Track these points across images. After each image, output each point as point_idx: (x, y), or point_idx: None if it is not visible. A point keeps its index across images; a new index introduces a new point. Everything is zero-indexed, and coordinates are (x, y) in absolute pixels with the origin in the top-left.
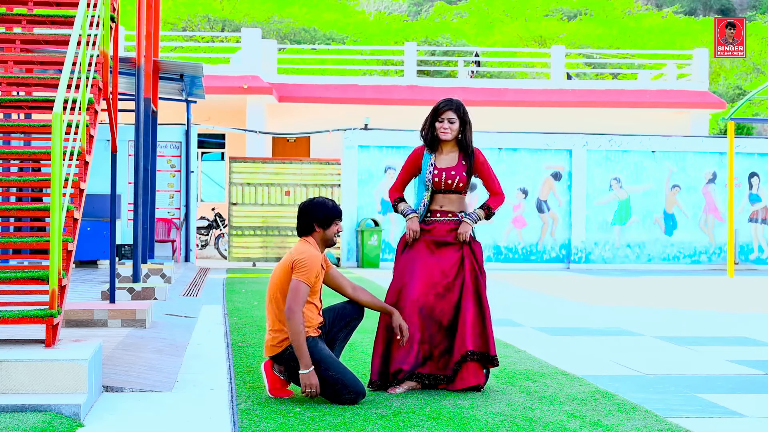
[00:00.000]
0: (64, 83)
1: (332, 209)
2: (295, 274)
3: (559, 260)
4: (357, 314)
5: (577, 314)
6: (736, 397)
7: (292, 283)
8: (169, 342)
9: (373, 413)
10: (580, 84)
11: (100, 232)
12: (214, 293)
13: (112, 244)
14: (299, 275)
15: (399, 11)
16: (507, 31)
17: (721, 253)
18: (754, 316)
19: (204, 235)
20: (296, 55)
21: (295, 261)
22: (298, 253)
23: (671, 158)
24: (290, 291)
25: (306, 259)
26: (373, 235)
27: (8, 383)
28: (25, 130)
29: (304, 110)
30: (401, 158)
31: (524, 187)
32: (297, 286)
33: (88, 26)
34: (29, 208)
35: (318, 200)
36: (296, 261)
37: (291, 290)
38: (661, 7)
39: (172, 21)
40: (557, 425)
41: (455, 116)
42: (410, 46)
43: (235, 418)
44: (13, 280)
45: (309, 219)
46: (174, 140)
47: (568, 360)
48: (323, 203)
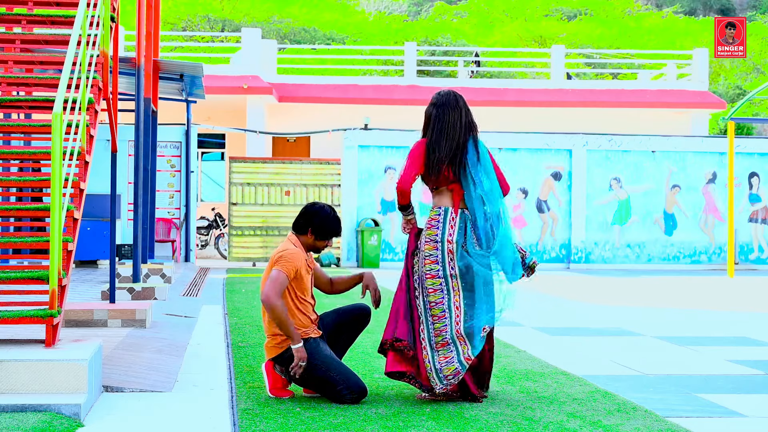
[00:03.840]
0: (64, 83)
1: (332, 226)
2: (275, 266)
3: (559, 260)
4: (362, 320)
5: (577, 314)
6: (736, 397)
7: (271, 273)
8: (169, 342)
9: (373, 413)
10: (580, 84)
11: (100, 232)
12: (214, 293)
13: (112, 244)
14: (278, 266)
15: (399, 11)
16: (507, 31)
17: (721, 253)
18: (754, 316)
19: (204, 235)
20: (296, 55)
21: (276, 257)
22: (278, 251)
23: (671, 158)
24: (268, 280)
25: (286, 254)
26: (373, 235)
27: (8, 383)
28: (25, 130)
29: (304, 110)
30: (401, 158)
31: (524, 187)
32: (275, 275)
33: (88, 26)
34: (29, 208)
35: (326, 210)
36: (277, 256)
37: (269, 279)
38: (661, 7)
39: (172, 21)
40: (557, 425)
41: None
42: (410, 46)
43: (235, 418)
44: (13, 280)
45: (308, 222)
46: (174, 140)
47: (568, 360)
48: (329, 217)
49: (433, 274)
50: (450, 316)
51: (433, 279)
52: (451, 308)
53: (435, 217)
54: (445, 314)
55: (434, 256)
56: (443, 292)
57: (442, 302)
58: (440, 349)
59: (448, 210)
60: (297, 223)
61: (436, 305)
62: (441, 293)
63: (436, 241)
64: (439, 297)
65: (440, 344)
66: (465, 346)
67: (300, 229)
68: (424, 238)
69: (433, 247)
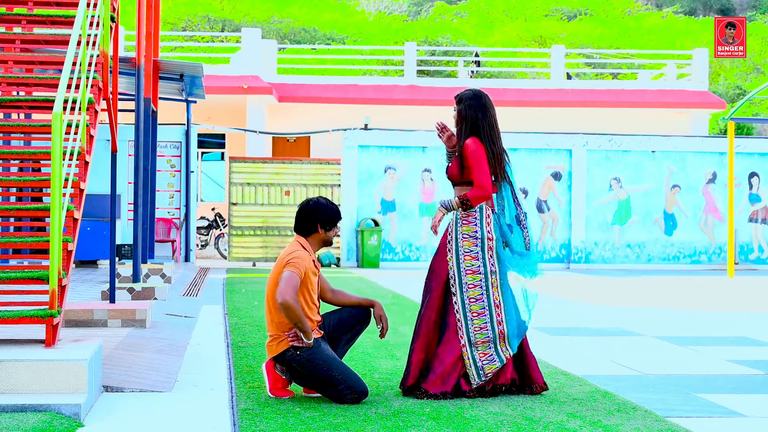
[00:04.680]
0: (64, 83)
1: (336, 212)
2: (287, 267)
3: (559, 260)
4: (363, 319)
5: (577, 314)
6: (736, 397)
7: (283, 274)
8: (169, 342)
9: (373, 413)
10: (580, 84)
11: (100, 232)
12: (214, 293)
13: (112, 244)
14: (290, 267)
15: (399, 11)
16: (507, 31)
17: (721, 253)
18: (754, 316)
19: (204, 235)
20: (296, 55)
21: (286, 259)
22: (287, 253)
23: (671, 158)
24: (282, 280)
25: (295, 256)
26: (373, 235)
27: (8, 383)
28: (25, 130)
29: (304, 110)
30: (401, 158)
31: (524, 187)
32: (288, 276)
33: (88, 26)
34: (29, 208)
35: (322, 202)
36: (286, 259)
37: (282, 279)
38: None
39: (172, 21)
40: (557, 425)
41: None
42: (410, 46)
43: (235, 418)
44: (13, 280)
45: (313, 220)
46: (174, 140)
47: (568, 360)
48: (328, 206)
49: (474, 270)
50: (490, 313)
51: (474, 275)
52: (491, 305)
53: (471, 213)
54: (485, 311)
55: (474, 252)
56: (482, 288)
57: (482, 299)
58: (480, 346)
59: (483, 207)
60: (301, 226)
61: (476, 301)
62: (480, 289)
63: (475, 237)
64: (479, 293)
65: (481, 341)
66: (504, 345)
67: (307, 230)
68: (461, 235)
69: (472, 243)
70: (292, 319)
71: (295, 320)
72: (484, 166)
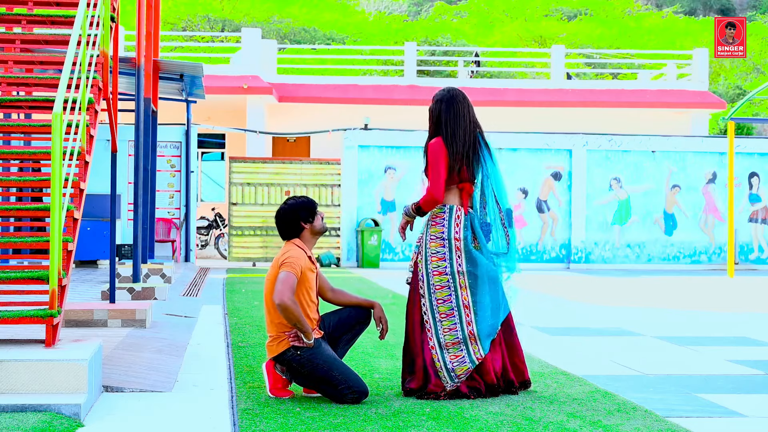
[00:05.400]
0: (64, 83)
1: (309, 202)
2: (282, 268)
3: (559, 260)
4: (363, 320)
5: (577, 314)
6: (736, 397)
7: (279, 275)
8: (169, 342)
9: (373, 413)
10: (580, 84)
11: (100, 232)
12: (214, 293)
13: (112, 244)
14: (285, 268)
15: (399, 11)
16: (507, 31)
17: (721, 253)
18: (754, 316)
19: (204, 235)
20: (296, 55)
21: (281, 260)
22: (282, 254)
23: (671, 158)
24: (278, 282)
25: (290, 255)
26: (373, 235)
27: (8, 383)
28: (25, 130)
29: (304, 110)
30: (401, 158)
31: (524, 187)
32: (284, 277)
33: (88, 26)
34: (29, 208)
35: (290, 202)
36: (281, 260)
37: (279, 281)
38: (661, 7)
39: (172, 21)
40: (557, 425)
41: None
42: (410, 46)
43: (235, 418)
44: (13, 280)
45: (294, 220)
46: (174, 140)
47: (568, 360)
48: (298, 202)
49: (440, 271)
50: (459, 314)
51: (440, 276)
52: (460, 306)
53: (439, 215)
54: (453, 312)
55: (441, 253)
56: (450, 289)
57: (450, 299)
58: (450, 348)
59: (453, 207)
60: (286, 231)
61: (443, 302)
62: (448, 290)
63: (442, 238)
64: (446, 294)
65: (451, 343)
66: (476, 346)
67: (294, 232)
68: (428, 236)
69: (439, 244)
70: (291, 320)
71: (293, 321)
72: (440, 169)
